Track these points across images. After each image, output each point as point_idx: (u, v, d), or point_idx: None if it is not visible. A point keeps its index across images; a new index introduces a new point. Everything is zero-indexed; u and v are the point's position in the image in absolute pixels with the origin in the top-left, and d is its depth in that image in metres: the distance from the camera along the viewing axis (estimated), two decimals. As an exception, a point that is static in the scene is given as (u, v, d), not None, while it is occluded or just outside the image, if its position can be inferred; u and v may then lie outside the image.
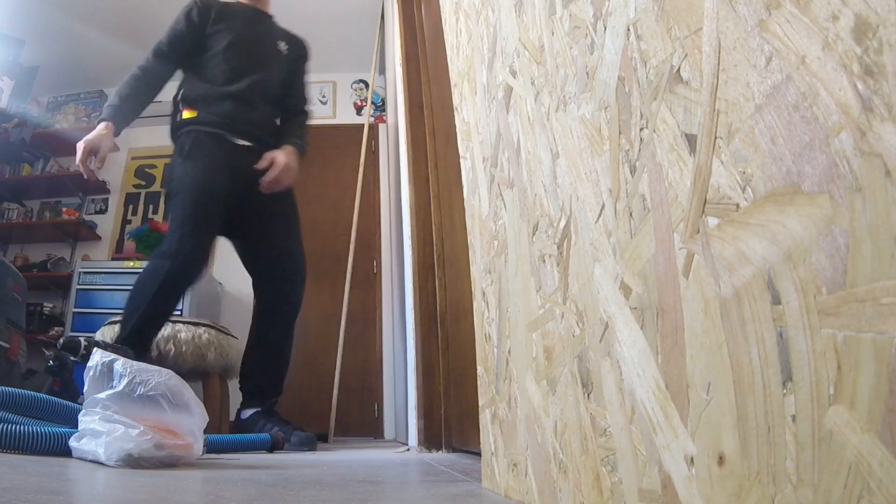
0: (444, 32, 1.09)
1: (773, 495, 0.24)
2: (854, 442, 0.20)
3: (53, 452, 0.92)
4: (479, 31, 0.77)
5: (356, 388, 3.25)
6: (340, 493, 0.66)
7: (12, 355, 2.44)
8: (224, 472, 0.88)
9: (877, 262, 0.20)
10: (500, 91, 0.67)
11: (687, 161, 0.31)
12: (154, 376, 0.92)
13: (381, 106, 4.06)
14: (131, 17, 3.48)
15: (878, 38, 0.20)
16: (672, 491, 0.32)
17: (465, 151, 0.89)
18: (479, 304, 0.79)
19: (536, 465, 0.53)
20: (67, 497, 0.58)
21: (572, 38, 0.46)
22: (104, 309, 3.16)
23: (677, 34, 0.32)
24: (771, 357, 0.25)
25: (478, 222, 0.80)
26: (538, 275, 0.54)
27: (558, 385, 0.48)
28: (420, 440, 1.58)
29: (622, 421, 0.37)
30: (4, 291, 2.44)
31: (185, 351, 1.79)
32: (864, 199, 0.20)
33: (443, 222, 1.68)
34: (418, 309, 1.68)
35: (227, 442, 1.35)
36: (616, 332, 0.38)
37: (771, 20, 0.25)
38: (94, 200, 3.94)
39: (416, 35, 2.10)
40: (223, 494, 0.63)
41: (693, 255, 0.30)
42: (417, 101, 1.93)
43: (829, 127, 0.22)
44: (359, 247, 3.08)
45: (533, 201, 0.55)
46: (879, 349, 0.19)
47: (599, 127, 0.41)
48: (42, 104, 4.01)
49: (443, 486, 0.76)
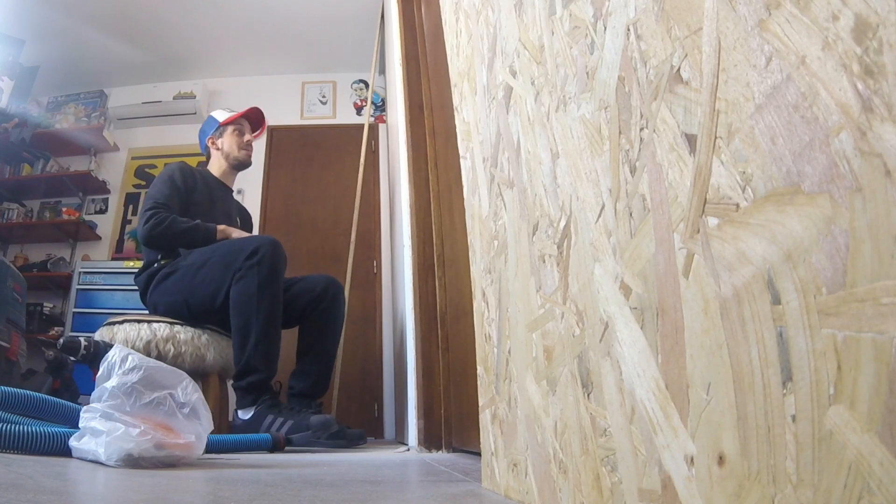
0: (444, 32, 1.09)
1: (773, 495, 0.24)
2: (854, 442, 0.20)
3: (53, 452, 0.92)
4: (479, 31, 0.77)
5: (356, 388, 3.25)
6: (340, 493, 0.66)
7: (12, 355, 2.44)
8: (224, 472, 0.88)
9: (877, 262, 0.20)
10: (500, 91, 0.67)
11: (687, 161, 0.31)
12: (168, 376, 0.93)
13: (381, 106, 4.06)
14: (131, 17, 3.49)
15: (878, 38, 0.20)
16: (672, 491, 0.32)
17: (465, 151, 0.89)
18: (479, 304, 0.79)
19: (536, 465, 0.53)
20: (67, 497, 0.58)
21: (572, 38, 0.46)
22: (104, 309, 3.16)
23: (677, 34, 0.32)
24: (771, 357, 0.25)
25: (478, 222, 0.80)
26: (538, 275, 0.54)
27: (558, 385, 0.48)
28: (420, 440, 1.58)
29: (622, 421, 0.37)
30: (4, 291, 2.44)
31: (184, 351, 1.79)
32: (864, 199, 0.20)
33: (443, 222, 1.68)
34: (418, 309, 1.68)
35: (227, 442, 1.35)
36: (616, 332, 0.38)
37: (771, 20, 0.25)
38: (94, 200, 3.95)
39: (416, 35, 2.10)
40: (223, 494, 0.63)
41: (693, 255, 0.30)
42: (417, 101, 1.93)
43: (829, 127, 0.22)
44: (359, 247, 3.08)
45: (533, 201, 0.55)
46: (879, 349, 0.19)
47: (599, 127, 0.41)
48: (42, 104, 4.01)
49: (443, 486, 0.76)
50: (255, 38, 3.81)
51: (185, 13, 3.52)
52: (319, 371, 1.97)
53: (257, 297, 1.69)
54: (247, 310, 1.69)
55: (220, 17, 3.59)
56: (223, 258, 1.78)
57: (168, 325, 1.81)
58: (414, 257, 1.74)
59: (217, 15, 3.56)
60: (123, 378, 0.89)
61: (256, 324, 1.69)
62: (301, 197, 3.67)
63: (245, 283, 1.70)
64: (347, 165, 3.63)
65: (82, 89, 4.03)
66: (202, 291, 1.79)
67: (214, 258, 1.80)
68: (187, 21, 3.59)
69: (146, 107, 3.96)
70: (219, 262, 1.78)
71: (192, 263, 1.84)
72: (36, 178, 3.80)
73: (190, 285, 1.82)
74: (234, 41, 3.84)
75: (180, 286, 1.83)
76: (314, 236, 3.52)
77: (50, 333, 3.34)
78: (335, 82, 4.19)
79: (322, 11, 3.58)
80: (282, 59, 4.04)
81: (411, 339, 1.79)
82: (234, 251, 1.76)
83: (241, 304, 1.71)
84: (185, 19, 3.57)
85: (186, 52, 3.88)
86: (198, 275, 1.81)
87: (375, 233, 3.60)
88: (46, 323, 3.46)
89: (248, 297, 1.69)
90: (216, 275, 1.77)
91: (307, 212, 3.64)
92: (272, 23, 3.66)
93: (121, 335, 1.77)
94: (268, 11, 3.56)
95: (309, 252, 3.38)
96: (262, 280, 1.69)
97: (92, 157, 3.92)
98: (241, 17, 3.60)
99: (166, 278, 1.87)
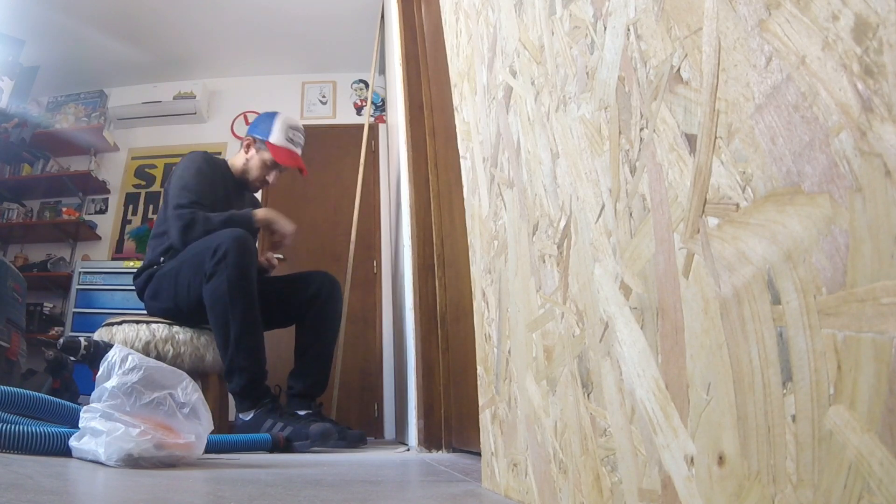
0: (444, 32, 1.09)
1: (773, 495, 0.24)
2: (854, 442, 0.20)
3: (53, 452, 0.92)
4: (479, 31, 0.77)
5: (356, 388, 3.25)
6: (340, 493, 0.66)
7: (12, 355, 2.44)
8: (224, 472, 0.88)
9: (877, 262, 0.20)
10: (500, 91, 0.67)
11: (687, 161, 0.31)
12: (168, 376, 0.93)
13: (381, 106, 4.06)
14: (131, 17, 3.49)
15: (878, 38, 0.20)
16: (672, 491, 0.32)
17: (465, 151, 0.89)
18: (479, 304, 0.79)
19: (536, 465, 0.53)
20: (67, 497, 0.58)
21: (572, 38, 0.46)
22: (104, 309, 3.16)
23: (677, 34, 0.32)
24: (771, 357, 0.25)
25: (478, 222, 0.80)
26: (538, 275, 0.54)
27: (558, 385, 0.48)
28: (420, 440, 1.58)
29: (622, 421, 0.37)
30: (4, 291, 2.44)
31: (183, 352, 1.79)
32: (864, 199, 0.20)
33: (443, 222, 1.68)
34: (418, 309, 1.68)
35: (227, 442, 1.35)
36: (616, 332, 0.38)
37: (771, 20, 0.25)
38: (94, 200, 3.95)
39: (416, 35, 2.10)
40: (223, 494, 0.63)
41: (693, 255, 0.30)
42: (417, 101, 1.93)
43: (829, 127, 0.22)
44: (359, 247, 3.08)
45: (533, 201, 0.55)
46: (879, 349, 0.19)
47: (599, 127, 0.41)
48: (42, 104, 4.01)
49: (443, 486, 0.76)
50: (255, 38, 3.81)
51: (185, 13, 3.52)
52: (318, 370, 1.96)
53: (229, 294, 1.66)
54: (221, 309, 1.67)
55: (220, 17, 3.59)
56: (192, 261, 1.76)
57: (167, 326, 1.81)
58: (414, 257, 1.74)
59: (217, 15, 3.56)
60: (123, 378, 0.89)
61: (234, 322, 1.66)
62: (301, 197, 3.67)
63: (215, 282, 1.67)
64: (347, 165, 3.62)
65: (82, 89, 4.03)
66: (185, 295, 1.78)
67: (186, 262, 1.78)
68: (187, 21, 3.59)
69: (146, 107, 3.96)
70: (190, 265, 1.76)
71: (169, 270, 1.83)
72: (36, 178, 3.80)
73: (173, 291, 1.80)
74: (234, 41, 3.84)
75: (167, 293, 1.82)
76: (314, 236, 3.52)
77: (50, 333, 3.34)
78: (335, 82, 4.19)
79: (322, 11, 3.58)
80: (282, 59, 4.04)
81: (411, 339, 1.79)
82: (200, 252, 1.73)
83: (215, 304, 1.68)
84: (185, 19, 3.57)
85: (186, 52, 3.88)
86: (177, 280, 1.79)
87: (375, 233, 3.60)
88: (46, 323, 3.46)
89: (220, 296, 1.67)
90: (191, 278, 1.75)
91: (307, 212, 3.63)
92: (272, 23, 3.66)
93: (119, 336, 1.77)
94: (268, 11, 3.56)
95: (309, 252, 3.38)
96: (232, 277, 1.66)
97: (92, 157, 3.92)
98: (241, 17, 3.60)
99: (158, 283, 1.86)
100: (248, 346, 1.68)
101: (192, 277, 1.74)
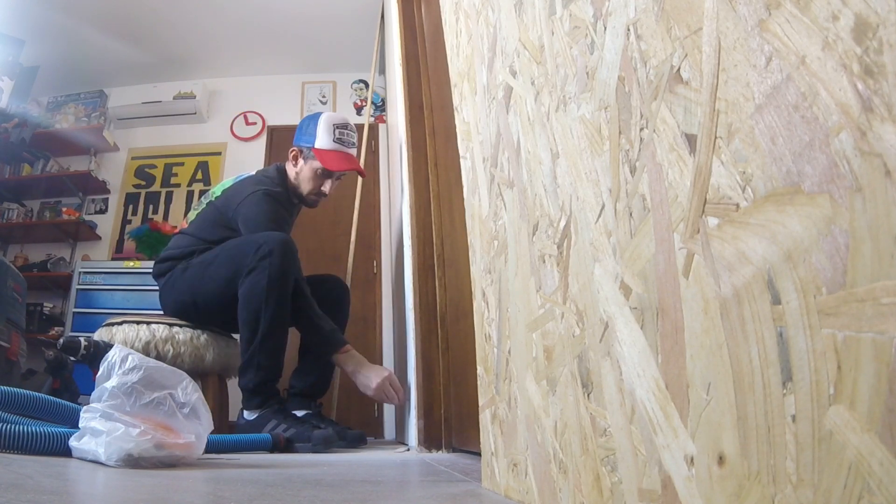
0: (444, 32, 1.09)
1: (773, 495, 0.24)
2: (854, 442, 0.20)
3: (53, 452, 0.92)
4: (479, 31, 0.77)
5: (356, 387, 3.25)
6: (340, 493, 0.66)
7: (12, 355, 2.44)
8: (224, 472, 0.88)
9: (877, 262, 0.20)
10: (500, 91, 0.67)
11: (687, 161, 0.31)
12: (168, 376, 0.93)
13: (381, 106, 4.06)
14: (131, 17, 3.49)
15: (878, 38, 0.20)
16: (672, 491, 0.32)
17: (465, 151, 0.89)
18: (479, 304, 0.79)
19: (536, 465, 0.53)
20: (67, 497, 0.58)
21: (572, 38, 0.46)
22: (104, 309, 3.16)
23: (677, 34, 0.32)
24: (771, 357, 0.25)
25: (478, 222, 0.80)
26: (538, 275, 0.54)
27: (558, 385, 0.48)
28: (420, 440, 1.58)
29: (622, 421, 0.37)
30: (4, 291, 2.44)
31: (183, 352, 1.79)
32: (864, 199, 0.20)
33: (443, 222, 1.68)
34: (418, 309, 1.68)
35: (227, 442, 1.35)
36: (616, 332, 0.38)
37: (771, 20, 0.25)
38: (94, 200, 3.95)
39: (416, 35, 2.10)
40: (223, 494, 0.63)
41: (693, 255, 0.30)
42: (417, 101, 1.93)
43: (829, 127, 0.22)
44: (359, 247, 3.08)
45: (533, 201, 0.55)
46: (879, 349, 0.19)
47: (599, 127, 0.41)
48: (42, 104, 4.01)
49: (443, 486, 0.76)
50: (255, 38, 3.81)
51: (185, 13, 3.52)
52: (321, 371, 1.96)
53: (266, 291, 1.66)
54: (256, 304, 1.67)
55: (220, 17, 3.59)
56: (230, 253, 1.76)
57: (167, 326, 1.81)
58: (414, 257, 1.74)
59: (217, 15, 3.57)
60: (123, 378, 0.89)
61: (265, 319, 1.66)
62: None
63: (255, 277, 1.68)
64: (347, 165, 3.62)
65: (82, 89, 4.03)
66: (211, 288, 1.78)
67: (222, 255, 1.79)
68: (187, 21, 3.59)
69: (146, 107, 3.96)
70: (227, 259, 1.76)
71: (201, 261, 1.83)
72: (36, 178, 3.80)
73: (199, 283, 1.80)
74: (234, 41, 3.84)
75: (190, 284, 1.82)
76: (314, 236, 3.52)
77: (50, 333, 3.34)
78: (335, 82, 4.19)
79: (322, 11, 3.59)
80: (282, 59, 4.04)
81: (411, 339, 1.79)
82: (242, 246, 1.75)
83: (251, 299, 1.68)
84: (185, 19, 3.57)
85: (186, 52, 3.88)
86: (206, 272, 1.80)
87: (375, 233, 3.60)
88: (46, 323, 3.46)
89: (258, 292, 1.67)
90: (225, 271, 1.75)
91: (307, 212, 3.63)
92: (272, 23, 3.66)
93: (119, 336, 1.77)
94: (268, 11, 3.56)
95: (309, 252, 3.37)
96: (273, 275, 1.66)
97: (92, 157, 3.92)
98: (241, 17, 3.60)
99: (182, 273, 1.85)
100: (272, 346, 1.69)
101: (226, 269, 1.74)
